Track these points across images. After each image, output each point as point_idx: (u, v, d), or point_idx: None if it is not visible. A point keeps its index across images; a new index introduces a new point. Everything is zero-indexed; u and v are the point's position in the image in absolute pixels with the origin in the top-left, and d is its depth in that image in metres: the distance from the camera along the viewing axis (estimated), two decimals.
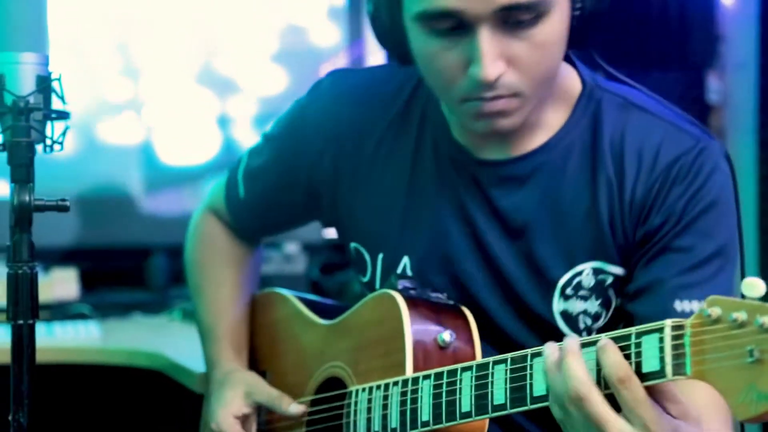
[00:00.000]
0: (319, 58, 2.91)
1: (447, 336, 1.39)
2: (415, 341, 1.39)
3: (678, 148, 1.41)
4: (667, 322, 1.10)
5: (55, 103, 1.31)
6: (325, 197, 1.61)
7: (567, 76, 1.47)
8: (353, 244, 1.60)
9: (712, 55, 2.98)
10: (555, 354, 1.18)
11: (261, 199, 1.71)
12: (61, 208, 1.30)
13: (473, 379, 1.28)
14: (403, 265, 1.53)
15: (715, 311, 1.05)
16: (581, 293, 1.44)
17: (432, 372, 1.34)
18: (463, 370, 1.30)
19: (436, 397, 1.32)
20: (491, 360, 1.27)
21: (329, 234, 2.73)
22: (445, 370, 1.32)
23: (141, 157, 2.87)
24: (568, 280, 1.44)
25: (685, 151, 1.40)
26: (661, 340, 1.10)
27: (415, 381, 1.35)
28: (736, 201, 1.42)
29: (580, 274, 1.43)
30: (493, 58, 1.30)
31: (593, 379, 1.15)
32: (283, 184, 1.66)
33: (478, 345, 1.40)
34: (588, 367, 1.15)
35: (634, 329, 1.14)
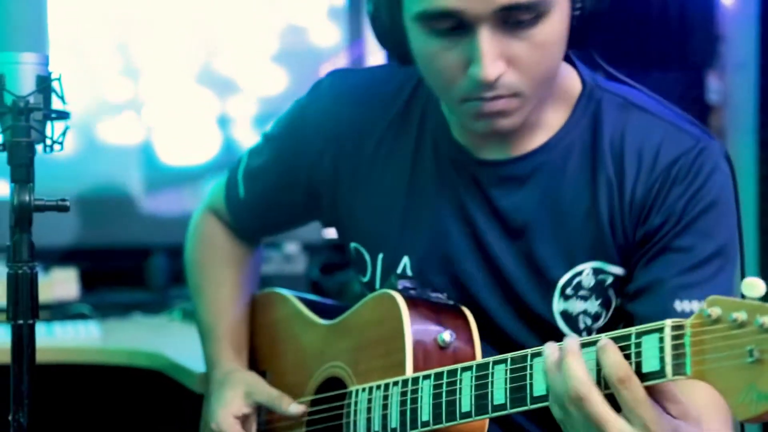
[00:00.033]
0: (319, 58, 2.91)
1: (447, 336, 1.39)
2: (415, 341, 1.38)
3: (678, 148, 1.41)
4: (667, 322, 1.10)
5: (55, 103, 1.31)
6: (325, 197, 1.61)
7: (567, 76, 1.47)
8: (353, 244, 1.60)
9: (712, 55, 2.97)
10: (555, 354, 1.18)
11: (261, 199, 1.71)
12: (61, 208, 1.29)
13: (473, 379, 1.28)
14: (403, 265, 1.53)
15: (715, 311, 1.05)
16: (581, 293, 1.44)
17: (432, 372, 1.34)
18: (463, 370, 1.30)
19: (436, 397, 1.32)
20: (491, 360, 1.27)
21: (329, 234, 2.73)
22: (445, 370, 1.32)
23: (141, 157, 2.87)
24: (568, 280, 1.44)
25: (685, 151, 1.40)
26: (661, 340, 1.10)
27: (415, 381, 1.35)
28: (736, 201, 1.42)
29: (580, 274, 1.43)
30: (493, 58, 1.30)
31: (593, 379, 1.15)
32: (283, 183, 1.66)
33: (478, 345, 1.40)
34: (588, 367, 1.15)
35: (634, 329, 1.14)
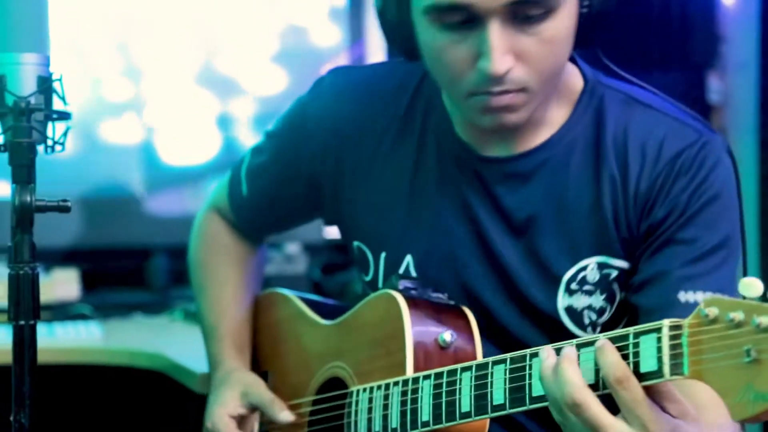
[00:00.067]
0: (319, 58, 2.91)
1: (448, 336, 1.39)
2: (416, 341, 1.39)
3: (681, 141, 1.41)
4: (665, 322, 1.10)
5: (56, 104, 1.31)
6: (326, 188, 1.61)
7: (569, 73, 1.47)
8: (356, 243, 1.60)
9: (713, 56, 2.97)
10: (551, 359, 1.18)
11: (263, 195, 1.71)
12: (62, 208, 1.30)
13: (473, 379, 1.28)
14: (406, 263, 1.53)
15: (712, 311, 1.05)
16: (586, 288, 1.44)
17: (432, 372, 1.34)
18: (462, 370, 1.30)
19: (436, 397, 1.32)
20: (490, 360, 1.27)
21: (330, 234, 2.74)
22: (444, 370, 1.32)
23: (142, 157, 2.87)
24: (572, 275, 1.44)
25: (688, 144, 1.41)
26: (659, 340, 1.10)
27: (415, 381, 1.35)
28: (739, 195, 1.43)
29: (584, 269, 1.44)
30: (502, 52, 1.31)
31: (591, 380, 1.15)
32: (285, 177, 1.66)
33: (479, 345, 1.40)
34: (586, 367, 1.15)
35: (632, 329, 1.14)
